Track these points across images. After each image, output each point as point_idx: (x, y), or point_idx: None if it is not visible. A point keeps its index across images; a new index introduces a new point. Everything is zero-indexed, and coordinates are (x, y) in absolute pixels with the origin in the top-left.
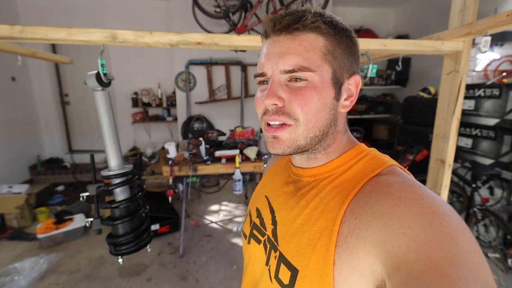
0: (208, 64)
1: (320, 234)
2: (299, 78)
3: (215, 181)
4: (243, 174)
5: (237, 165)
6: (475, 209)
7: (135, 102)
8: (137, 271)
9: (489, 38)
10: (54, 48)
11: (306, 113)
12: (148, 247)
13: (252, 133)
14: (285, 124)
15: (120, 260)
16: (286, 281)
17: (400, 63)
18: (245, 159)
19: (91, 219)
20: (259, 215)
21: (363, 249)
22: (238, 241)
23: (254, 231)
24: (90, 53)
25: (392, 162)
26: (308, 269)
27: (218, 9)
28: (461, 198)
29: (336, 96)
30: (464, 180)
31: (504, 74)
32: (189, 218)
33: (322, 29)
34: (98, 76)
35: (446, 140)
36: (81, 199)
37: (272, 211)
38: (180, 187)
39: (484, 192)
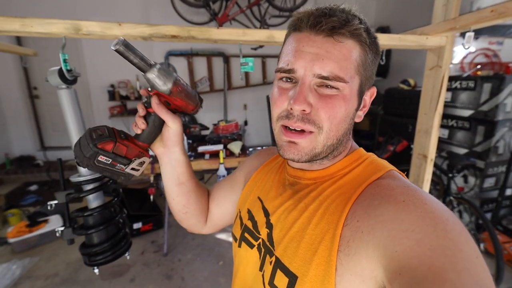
0: (189, 55)
1: (321, 238)
2: (330, 86)
3: (199, 176)
4: (227, 169)
5: (221, 160)
6: (451, 198)
7: (112, 95)
8: (120, 272)
9: (472, 34)
10: (19, 38)
11: (331, 122)
12: (127, 254)
13: (236, 127)
14: (307, 131)
15: (96, 271)
16: (282, 287)
17: (383, 57)
18: (229, 154)
19: (62, 228)
20: (251, 217)
21: (365, 253)
22: (224, 236)
23: (246, 234)
24: (59, 41)
25: (391, 167)
26: (308, 275)
27: None
28: (438, 187)
29: (357, 106)
30: (441, 169)
31: (479, 66)
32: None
33: (362, 37)
34: (60, 72)
35: (428, 135)
36: (49, 207)
37: (266, 214)
38: (163, 184)
39: (459, 180)
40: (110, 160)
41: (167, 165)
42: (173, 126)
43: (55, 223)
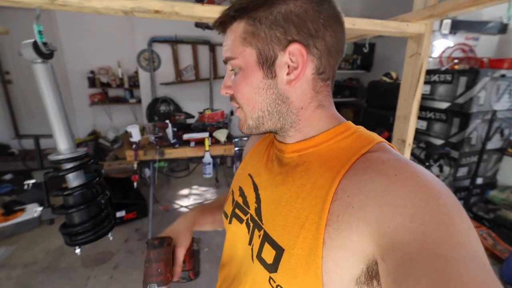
0: (173, 42)
1: (308, 212)
2: (232, 68)
3: (185, 165)
4: (213, 157)
5: (207, 148)
6: None
7: (92, 82)
8: (103, 259)
9: (449, 21)
10: None
11: (241, 98)
12: (110, 235)
13: (222, 115)
14: (239, 107)
15: (77, 251)
16: (269, 260)
17: (367, 45)
18: (215, 142)
19: (40, 208)
20: (241, 193)
21: (356, 228)
22: None
23: (237, 210)
24: (32, 21)
25: (380, 139)
26: (295, 248)
27: None
28: None
29: (266, 75)
30: (418, 159)
31: (456, 61)
32: (158, 204)
33: (244, 11)
34: (35, 45)
35: (407, 121)
36: (25, 187)
37: (256, 189)
38: (147, 172)
39: (435, 169)
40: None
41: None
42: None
43: (32, 212)
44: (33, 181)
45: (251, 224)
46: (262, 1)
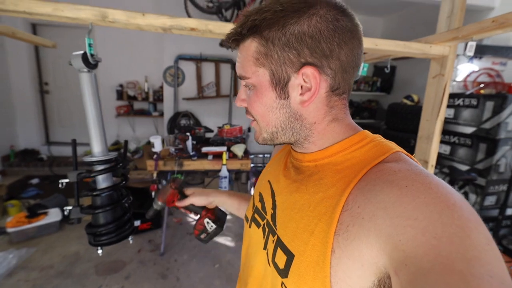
0: (198, 60)
1: (318, 220)
2: (245, 84)
3: (200, 179)
4: (229, 171)
5: (224, 161)
6: None
7: (120, 94)
8: (115, 268)
9: (474, 43)
10: (34, 31)
11: (255, 114)
12: (130, 238)
13: (240, 131)
14: (254, 120)
15: (99, 251)
16: (281, 265)
17: (389, 66)
18: (232, 156)
19: (70, 207)
20: (261, 199)
21: (366, 239)
22: (221, 239)
23: (256, 215)
24: (74, 39)
25: (398, 148)
26: (304, 254)
27: (210, 4)
28: None
29: (279, 96)
30: None
31: (482, 85)
32: (172, 216)
33: (256, 30)
34: (84, 56)
35: (430, 141)
36: (60, 185)
37: (273, 195)
38: (164, 183)
39: None
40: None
41: (221, 206)
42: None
43: (54, 216)
44: (67, 180)
45: (267, 229)
46: (274, 20)
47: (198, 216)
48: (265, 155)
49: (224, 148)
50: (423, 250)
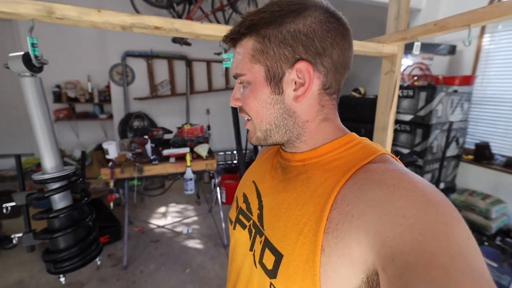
0: (149, 57)
1: (307, 219)
2: (241, 82)
3: (160, 182)
4: (195, 172)
5: (188, 163)
6: None
7: (58, 96)
8: None
9: (419, 43)
10: None
11: (249, 111)
12: (98, 259)
13: (201, 130)
14: (249, 119)
15: (62, 279)
16: (269, 266)
17: None
18: (196, 157)
19: (19, 234)
20: (245, 200)
21: (356, 237)
22: (190, 243)
23: (240, 216)
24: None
25: (384, 150)
26: (293, 254)
27: None
28: None
29: (273, 91)
30: None
31: (415, 78)
32: (132, 225)
33: (255, 28)
34: (26, 57)
35: (385, 131)
36: (4, 211)
37: (259, 196)
38: (120, 191)
39: None
40: None
41: None
42: None
43: None
44: (12, 204)
45: (253, 230)
46: (272, 19)
47: None
48: (226, 153)
49: (187, 149)
50: (410, 246)
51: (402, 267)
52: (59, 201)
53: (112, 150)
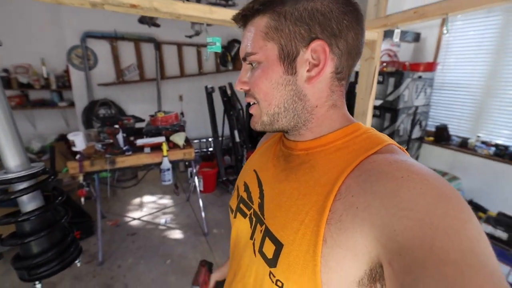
0: (113, 38)
1: (308, 209)
2: (251, 63)
3: (132, 173)
4: (172, 162)
5: (165, 153)
6: None
7: (7, 82)
8: None
9: (399, 31)
10: None
11: (258, 93)
12: (78, 261)
13: (176, 118)
14: (254, 103)
15: (38, 286)
16: (270, 255)
17: None
18: (173, 146)
19: None
20: (246, 189)
21: (361, 229)
22: (169, 233)
23: (241, 205)
24: None
25: (391, 141)
26: (293, 244)
27: None
28: None
29: (286, 71)
30: None
31: (384, 64)
32: (105, 219)
33: (269, 5)
34: None
35: (365, 117)
36: None
37: (260, 184)
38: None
39: None
40: None
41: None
42: None
43: None
44: None
45: (254, 219)
46: None
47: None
48: (201, 140)
49: (162, 139)
50: (419, 241)
51: (411, 262)
52: (28, 202)
53: (79, 141)
